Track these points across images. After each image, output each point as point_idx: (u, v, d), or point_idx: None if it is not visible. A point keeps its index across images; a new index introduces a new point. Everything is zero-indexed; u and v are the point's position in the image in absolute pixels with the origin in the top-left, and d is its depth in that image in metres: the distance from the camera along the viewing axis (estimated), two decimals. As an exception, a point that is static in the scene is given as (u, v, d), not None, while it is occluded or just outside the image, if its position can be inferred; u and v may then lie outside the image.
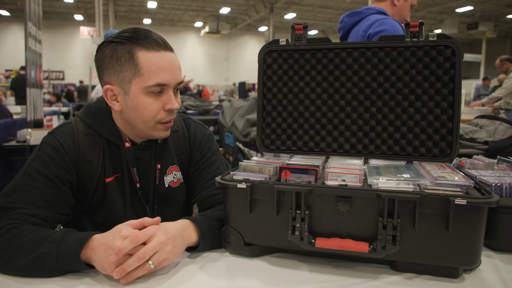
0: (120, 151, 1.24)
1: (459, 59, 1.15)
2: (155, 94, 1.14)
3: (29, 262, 0.93)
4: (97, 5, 14.93)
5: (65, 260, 0.93)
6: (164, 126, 1.20)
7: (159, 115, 1.16)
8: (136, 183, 1.26)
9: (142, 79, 1.12)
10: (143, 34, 1.13)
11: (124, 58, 1.12)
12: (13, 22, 21.91)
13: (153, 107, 1.15)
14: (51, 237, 0.97)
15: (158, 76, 1.12)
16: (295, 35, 1.28)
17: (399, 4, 2.31)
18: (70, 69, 23.35)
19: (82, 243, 0.94)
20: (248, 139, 4.12)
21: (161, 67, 1.13)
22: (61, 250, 0.93)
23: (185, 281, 0.94)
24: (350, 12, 2.35)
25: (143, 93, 1.13)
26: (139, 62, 1.11)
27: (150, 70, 1.11)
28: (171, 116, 1.19)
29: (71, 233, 0.99)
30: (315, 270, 1.00)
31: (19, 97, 8.58)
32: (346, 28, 2.34)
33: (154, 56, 1.12)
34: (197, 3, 21.11)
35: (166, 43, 1.17)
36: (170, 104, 1.16)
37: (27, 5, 4.33)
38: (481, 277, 0.95)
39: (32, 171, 1.11)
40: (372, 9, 2.28)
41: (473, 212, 0.88)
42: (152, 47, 1.12)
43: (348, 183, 0.99)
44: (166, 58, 1.14)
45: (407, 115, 1.21)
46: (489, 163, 1.36)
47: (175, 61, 1.17)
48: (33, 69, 4.61)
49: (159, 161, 1.30)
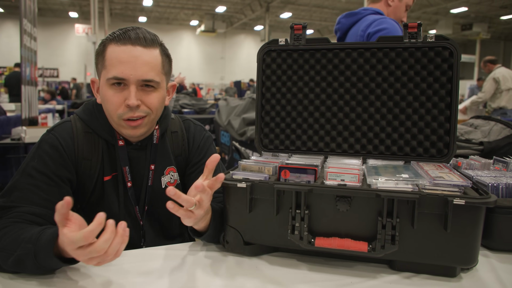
0: (115, 149, 1.24)
1: (457, 60, 1.16)
2: (116, 87, 1.14)
3: (13, 263, 0.92)
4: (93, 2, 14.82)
5: (42, 258, 0.89)
6: (128, 123, 1.16)
7: (120, 109, 1.14)
8: (127, 182, 1.25)
9: (105, 71, 1.14)
10: (126, 30, 1.15)
11: (100, 51, 1.17)
12: (6, 19, 21.72)
13: (113, 100, 1.14)
14: (32, 236, 0.93)
15: (116, 69, 1.12)
16: (294, 35, 1.29)
17: (394, 4, 2.32)
18: (65, 67, 23.20)
19: (53, 240, 0.88)
20: (244, 138, 4.13)
21: (121, 61, 1.12)
22: (37, 248, 0.90)
23: (184, 279, 0.94)
24: (347, 13, 2.36)
25: (106, 85, 1.14)
26: (105, 55, 1.14)
27: (111, 62, 1.13)
28: (131, 113, 1.14)
29: (47, 229, 0.94)
30: (314, 269, 1.00)
31: (13, 94, 8.50)
32: (344, 29, 2.35)
33: (118, 49, 1.13)
34: (193, 2, 21.05)
35: (143, 39, 1.14)
36: (128, 99, 1.13)
37: (22, 2, 4.30)
38: (478, 276, 0.96)
39: (31, 169, 1.10)
40: (369, 10, 2.28)
41: (471, 212, 0.89)
42: (120, 41, 1.13)
43: (347, 183, 0.99)
44: (131, 52, 1.12)
45: (405, 116, 1.22)
46: (485, 164, 1.37)
47: (143, 57, 1.13)
48: (28, 66, 4.58)
49: (153, 161, 1.29)
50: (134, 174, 1.27)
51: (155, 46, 1.17)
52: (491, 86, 6.07)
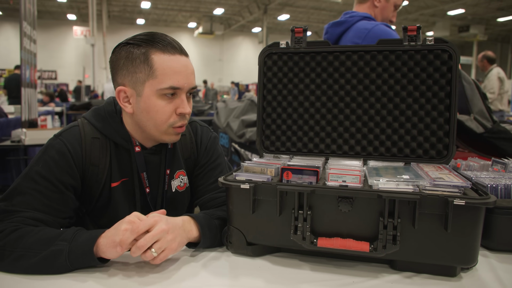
0: (130, 155, 1.23)
1: (456, 63, 1.18)
2: (168, 97, 1.14)
3: (40, 260, 0.95)
4: (91, 5, 14.84)
5: (77, 257, 0.95)
6: (175, 130, 1.19)
7: (171, 118, 1.16)
8: (146, 188, 1.26)
9: (156, 81, 1.12)
10: (159, 37, 1.14)
11: (139, 59, 1.12)
12: (5, 21, 21.71)
13: (165, 110, 1.15)
14: (62, 235, 0.98)
15: (172, 79, 1.12)
16: (294, 38, 1.31)
17: (380, 5, 2.24)
18: (63, 69, 23.19)
19: (94, 239, 0.97)
20: (243, 140, 4.13)
21: (175, 70, 1.13)
22: (73, 247, 0.96)
23: (187, 280, 0.95)
24: (333, 22, 2.26)
25: (156, 95, 1.13)
26: (153, 64, 1.12)
27: (165, 72, 1.12)
28: (183, 121, 1.19)
29: (81, 231, 1.01)
30: (316, 269, 1.01)
31: (12, 96, 8.50)
32: (333, 39, 2.26)
33: (169, 59, 1.13)
34: (191, 4, 21.08)
35: (182, 48, 1.18)
36: (182, 108, 1.16)
37: (22, 5, 4.30)
38: (478, 276, 0.97)
39: (35, 174, 1.10)
40: (356, 16, 2.19)
41: (471, 212, 0.90)
42: (167, 50, 1.13)
43: (348, 184, 1.01)
44: (181, 62, 1.15)
45: (404, 118, 1.24)
46: (484, 165, 1.39)
47: (190, 66, 1.18)
48: (28, 68, 4.58)
49: (168, 166, 1.30)
50: (149, 179, 1.27)
51: (187, 54, 1.21)
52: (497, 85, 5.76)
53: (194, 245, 1.10)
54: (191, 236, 1.08)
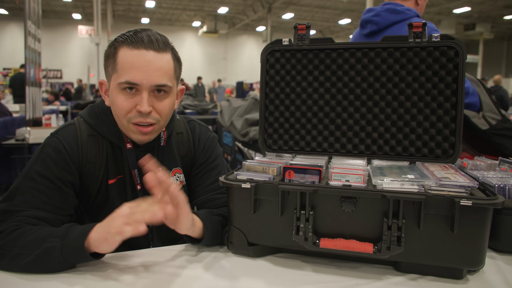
0: (122, 152, 1.23)
1: (462, 60, 1.15)
2: (128, 92, 1.12)
3: (35, 258, 0.94)
4: (95, 4, 14.89)
5: (70, 252, 0.94)
6: (137, 128, 1.15)
7: (130, 113, 1.14)
8: (137, 185, 1.25)
9: (116, 75, 1.12)
10: (138, 32, 1.12)
11: (111, 53, 1.14)
12: (11, 21, 21.82)
13: (124, 104, 1.13)
14: (54, 232, 0.98)
15: (128, 74, 1.10)
16: (297, 35, 1.28)
17: (421, 3, 2.24)
18: (68, 68, 23.27)
19: (85, 235, 0.95)
20: (246, 138, 4.12)
21: (134, 65, 1.10)
22: (65, 243, 0.95)
23: (188, 280, 0.94)
24: (389, 7, 2.15)
25: (118, 89, 1.13)
26: (117, 58, 1.12)
27: (124, 67, 1.11)
28: (141, 118, 1.14)
29: (73, 227, 1.00)
30: (319, 270, 0.99)
31: (17, 95, 8.55)
32: (384, 24, 2.15)
33: (131, 53, 1.10)
34: (195, 3, 21.07)
35: (157, 44, 1.12)
36: (139, 105, 1.12)
37: (26, 4, 4.31)
38: (485, 279, 0.95)
39: (34, 173, 1.09)
40: (412, 11, 2.14)
41: (478, 213, 0.88)
42: (134, 45, 1.10)
43: (352, 183, 0.99)
44: (144, 57, 1.10)
45: (410, 116, 1.21)
46: (491, 164, 1.36)
47: (156, 62, 1.11)
48: (33, 67, 4.59)
49: (161, 164, 1.28)
50: (141, 176, 1.26)
51: (167, 50, 1.15)
52: None
53: (197, 242, 1.08)
54: (195, 222, 1.06)
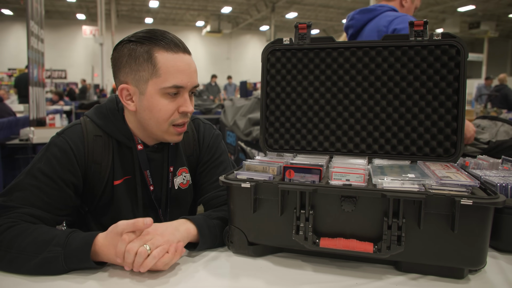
0: (132, 153, 1.23)
1: (464, 58, 1.14)
2: (171, 95, 1.14)
3: (35, 266, 0.93)
4: (99, 4, 14.93)
5: (74, 262, 0.94)
6: (176, 130, 1.18)
7: (173, 116, 1.16)
8: (150, 186, 1.25)
9: (159, 80, 1.11)
10: (161, 34, 1.13)
11: (142, 58, 1.11)
12: (15, 21, 21.95)
13: (168, 108, 1.14)
14: (55, 239, 0.96)
15: (175, 78, 1.12)
16: (298, 34, 1.28)
17: (407, 5, 2.28)
18: (72, 68, 23.38)
19: (89, 244, 0.95)
20: (249, 138, 4.12)
21: (179, 69, 1.12)
22: (67, 252, 0.93)
23: (188, 280, 0.94)
24: (361, 9, 2.29)
25: (159, 94, 1.13)
26: (157, 63, 1.11)
27: (168, 71, 1.11)
28: (184, 119, 1.18)
29: (74, 234, 0.98)
30: (319, 270, 0.99)
31: (22, 95, 8.60)
32: (359, 25, 2.27)
33: (172, 57, 1.12)
34: (198, 3, 21.09)
35: (185, 46, 1.17)
36: (185, 106, 1.16)
37: (29, 4, 4.33)
38: (487, 278, 0.94)
39: (36, 171, 1.09)
40: (385, 7, 2.22)
41: (479, 213, 0.87)
42: (170, 48, 1.12)
43: (352, 182, 0.98)
44: (184, 60, 1.14)
45: (411, 115, 1.21)
46: (493, 163, 1.35)
47: (192, 64, 1.17)
48: (36, 68, 4.62)
49: (172, 163, 1.29)
50: (153, 177, 1.27)
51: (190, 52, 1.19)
52: None
53: (194, 246, 1.08)
54: (189, 235, 1.06)
